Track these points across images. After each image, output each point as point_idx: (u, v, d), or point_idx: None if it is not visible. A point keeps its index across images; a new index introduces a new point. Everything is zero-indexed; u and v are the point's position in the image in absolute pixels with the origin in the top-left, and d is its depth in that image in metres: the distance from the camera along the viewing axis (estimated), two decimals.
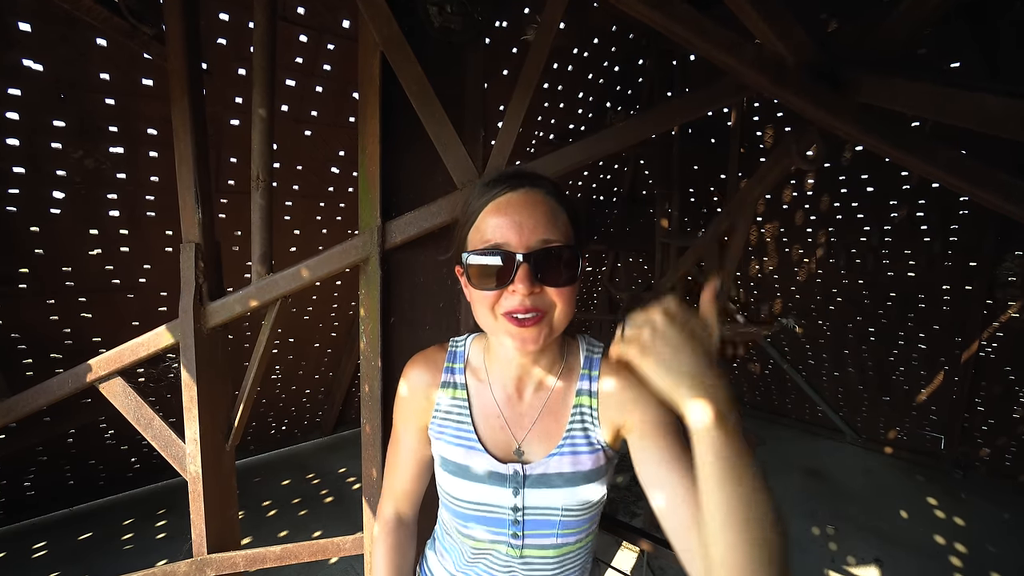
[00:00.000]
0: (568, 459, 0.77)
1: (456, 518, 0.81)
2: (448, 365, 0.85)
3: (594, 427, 0.78)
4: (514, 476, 0.77)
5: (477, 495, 0.78)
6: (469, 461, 0.79)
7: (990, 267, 3.51)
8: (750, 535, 0.56)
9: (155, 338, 1.48)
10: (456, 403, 0.82)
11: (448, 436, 0.81)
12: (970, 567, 3.09)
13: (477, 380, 0.84)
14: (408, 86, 1.26)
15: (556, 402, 0.81)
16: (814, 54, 1.18)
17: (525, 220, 0.70)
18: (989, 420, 3.89)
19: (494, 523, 0.78)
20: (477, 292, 0.72)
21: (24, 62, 2.14)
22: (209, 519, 1.49)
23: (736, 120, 3.05)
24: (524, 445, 0.80)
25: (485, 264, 0.70)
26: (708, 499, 0.57)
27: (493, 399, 0.82)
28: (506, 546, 0.79)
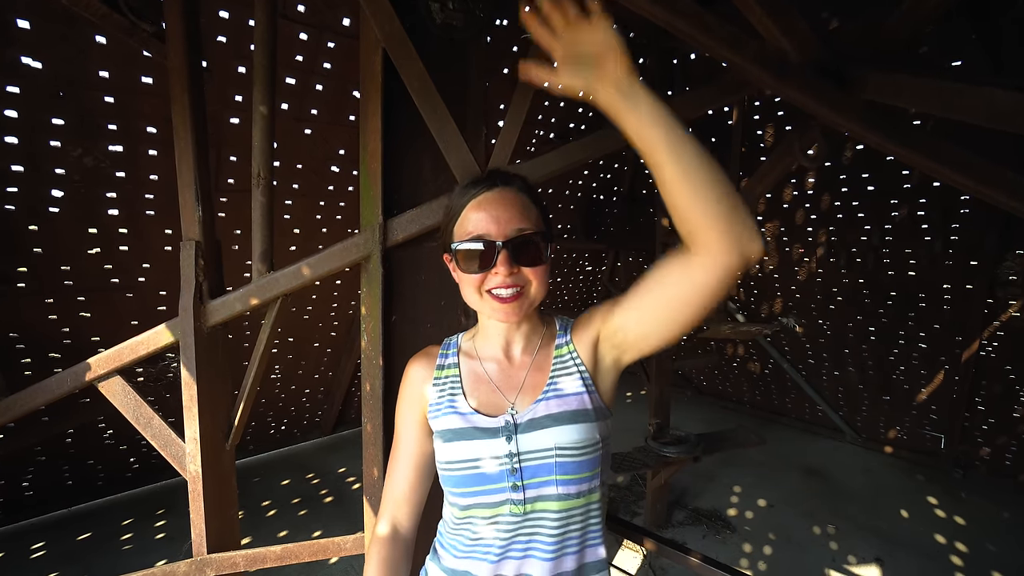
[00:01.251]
0: (554, 402, 0.84)
1: (457, 487, 0.83)
2: (443, 353, 0.95)
3: (576, 368, 0.87)
4: (505, 426, 0.83)
5: (473, 451, 0.82)
6: (463, 423, 0.85)
7: (991, 266, 3.51)
8: (708, 170, 0.63)
9: (155, 336, 1.47)
10: (449, 379, 0.91)
11: (444, 410, 0.87)
12: (971, 566, 3.09)
13: (468, 358, 0.93)
14: (410, 83, 1.25)
15: (541, 361, 0.90)
16: (818, 51, 1.17)
17: (501, 214, 0.82)
18: (989, 419, 3.89)
19: (493, 479, 0.81)
20: (465, 275, 0.84)
21: (23, 60, 2.13)
22: (209, 519, 1.49)
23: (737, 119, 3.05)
24: (516, 402, 0.86)
25: (471, 251, 0.82)
26: (658, 152, 0.64)
27: (483, 370, 0.91)
28: (509, 504, 0.80)
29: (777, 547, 3.29)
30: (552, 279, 5.78)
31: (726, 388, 5.72)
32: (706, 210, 0.64)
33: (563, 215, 5.40)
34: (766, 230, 4.46)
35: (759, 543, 3.33)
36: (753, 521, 3.57)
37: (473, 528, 0.84)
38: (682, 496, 3.88)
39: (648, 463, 3.14)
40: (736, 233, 0.64)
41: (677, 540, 1.42)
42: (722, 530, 3.47)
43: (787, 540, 3.35)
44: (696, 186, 0.63)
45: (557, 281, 5.89)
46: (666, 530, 3.49)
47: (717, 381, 5.74)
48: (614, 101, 0.65)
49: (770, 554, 3.22)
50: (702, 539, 3.39)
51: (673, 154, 0.64)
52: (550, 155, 1.38)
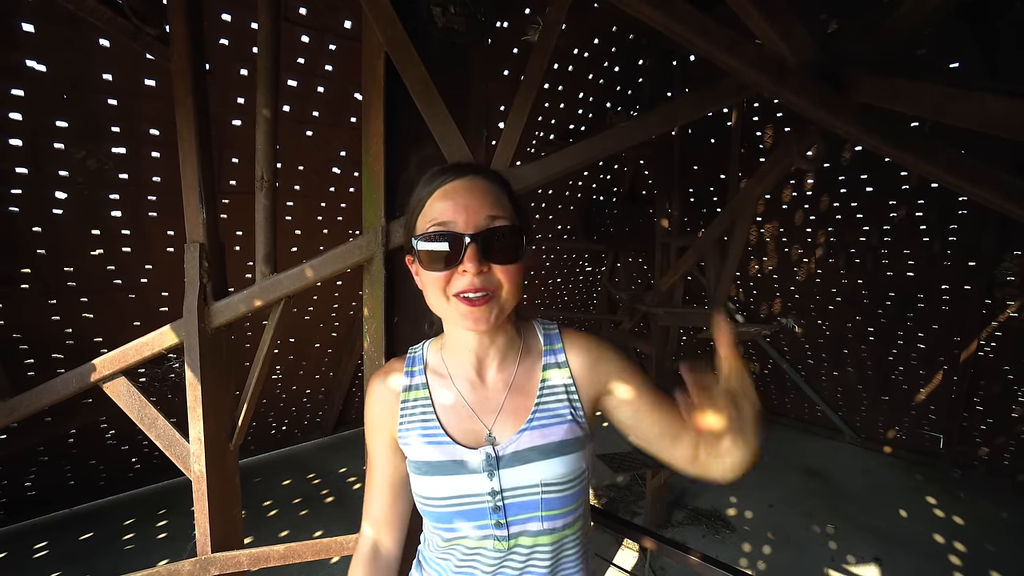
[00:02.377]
0: (539, 432, 0.76)
1: (437, 522, 0.77)
2: (407, 370, 0.84)
3: (571, 398, 0.80)
4: (487, 460, 0.75)
5: (452, 488, 0.75)
6: (439, 455, 0.76)
7: (989, 267, 3.52)
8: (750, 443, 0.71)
9: (159, 338, 1.49)
10: (419, 403, 0.81)
11: (415, 437, 0.78)
12: (969, 566, 3.10)
13: (437, 376, 0.82)
14: (412, 86, 1.27)
15: (522, 380, 0.80)
16: (815, 54, 1.18)
17: (471, 202, 0.72)
18: (988, 419, 3.91)
19: (476, 515, 0.75)
20: (428, 275, 0.73)
21: (27, 63, 2.15)
22: (213, 518, 1.50)
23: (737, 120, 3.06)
24: (495, 429, 0.78)
25: (434, 246, 0.72)
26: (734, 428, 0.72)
27: (456, 390, 0.80)
28: (492, 540, 0.75)
29: (776, 547, 3.30)
30: (552, 279, 5.79)
31: None
32: (736, 463, 0.72)
33: (562, 215, 5.41)
34: (765, 231, 4.47)
35: (758, 543, 3.34)
36: (752, 521, 3.59)
37: (458, 557, 0.79)
38: (681, 496, 3.89)
39: (648, 463, 3.15)
40: (735, 477, 0.74)
41: (676, 540, 1.44)
42: (721, 530, 3.48)
43: (786, 540, 3.36)
44: (740, 446, 0.71)
45: (557, 281, 5.89)
46: (666, 530, 3.50)
47: None
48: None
49: (769, 554, 3.24)
50: (701, 539, 3.40)
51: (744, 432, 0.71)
52: (552, 157, 1.39)
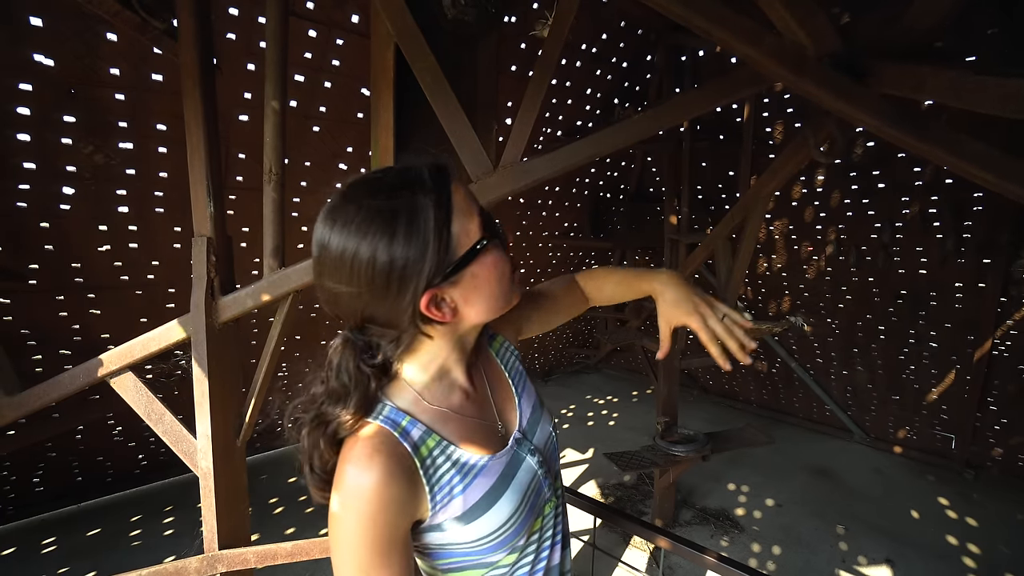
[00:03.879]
0: (525, 395, 0.82)
1: (513, 539, 0.69)
2: (399, 432, 0.65)
3: (512, 354, 0.87)
4: (521, 444, 0.75)
5: (520, 492, 0.71)
6: (491, 479, 0.68)
7: (1004, 264, 3.47)
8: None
9: (167, 333, 1.48)
10: (437, 452, 0.67)
11: (458, 485, 0.66)
12: (984, 568, 3.06)
13: (428, 414, 0.69)
14: (422, 78, 1.25)
15: (489, 365, 0.83)
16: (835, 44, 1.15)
17: (474, 196, 0.70)
18: (1002, 419, 3.85)
19: (538, 495, 0.75)
20: (503, 262, 0.69)
21: (35, 57, 2.14)
22: (220, 515, 1.49)
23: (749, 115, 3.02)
24: (502, 419, 0.77)
25: (502, 232, 0.71)
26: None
27: (457, 414, 0.72)
28: (548, 504, 0.77)
29: (786, 547, 3.27)
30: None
31: (733, 387, 5.69)
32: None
33: (569, 213, 5.39)
34: (775, 228, 4.43)
35: (768, 543, 3.31)
36: (761, 521, 3.55)
37: (530, 554, 0.74)
38: (689, 495, 3.86)
39: (657, 462, 3.13)
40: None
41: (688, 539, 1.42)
42: (730, 530, 3.45)
43: (796, 540, 3.33)
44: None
45: None
46: (673, 530, 3.47)
47: (723, 380, 5.71)
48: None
49: (779, 554, 3.20)
50: (710, 539, 3.37)
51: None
52: (561, 151, 1.37)
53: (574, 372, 6.78)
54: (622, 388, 6.24)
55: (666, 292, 0.86)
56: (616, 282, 1.00)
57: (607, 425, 5.21)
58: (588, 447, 4.64)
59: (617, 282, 0.99)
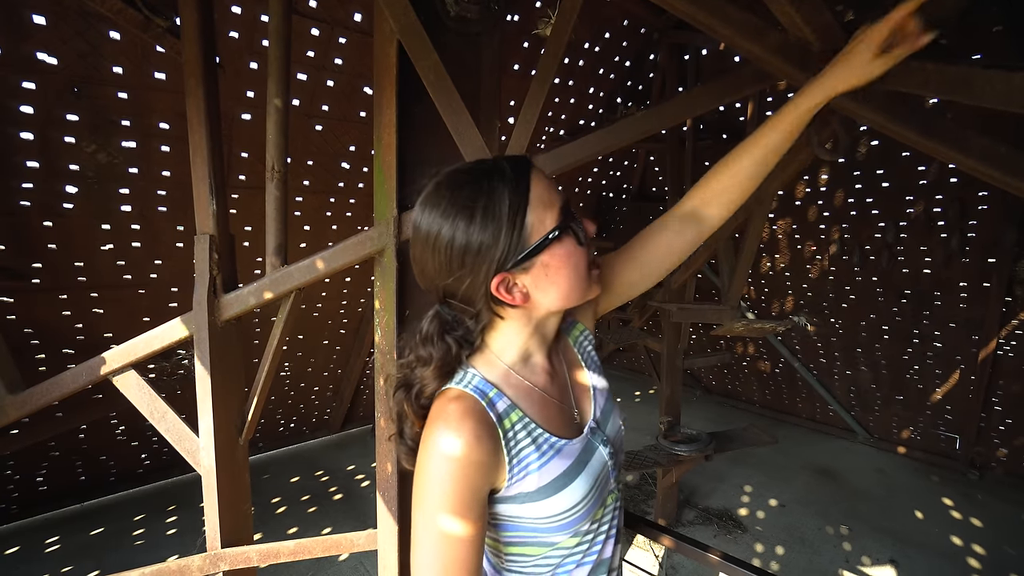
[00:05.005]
0: (600, 381, 0.83)
1: (578, 523, 0.71)
2: (486, 401, 0.69)
3: (588, 341, 0.87)
4: (595, 434, 0.77)
5: (590, 480, 0.72)
6: (566, 462, 0.71)
7: (1009, 263, 3.45)
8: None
9: (169, 331, 1.48)
10: (519, 426, 0.70)
11: (534, 462, 0.69)
12: (988, 569, 3.04)
13: (516, 389, 0.73)
14: (425, 76, 1.24)
15: (568, 351, 0.85)
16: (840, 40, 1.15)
17: (557, 189, 0.72)
18: (1007, 420, 3.83)
19: (605, 486, 0.76)
20: (579, 252, 0.71)
21: (38, 55, 2.15)
22: (223, 513, 1.49)
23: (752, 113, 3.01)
24: (578, 406, 0.79)
25: (578, 221, 0.71)
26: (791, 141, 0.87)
27: (539, 392, 0.75)
28: (611, 496, 0.78)
29: (789, 547, 3.26)
30: None
31: (735, 387, 5.68)
32: (746, 197, 0.91)
33: None
34: (778, 227, 4.42)
35: (771, 543, 3.30)
36: (764, 521, 3.54)
37: (587, 544, 0.75)
38: (692, 495, 3.85)
39: (659, 461, 3.12)
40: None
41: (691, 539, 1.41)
42: (733, 530, 3.44)
43: (800, 540, 3.32)
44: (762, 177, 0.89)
45: None
46: (676, 529, 3.46)
47: (726, 380, 5.70)
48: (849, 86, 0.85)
49: (782, 554, 3.19)
50: (713, 539, 3.36)
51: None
52: (564, 148, 1.37)
53: None
54: (625, 388, 6.23)
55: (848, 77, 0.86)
56: (743, 158, 0.89)
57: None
58: None
59: (744, 155, 0.89)
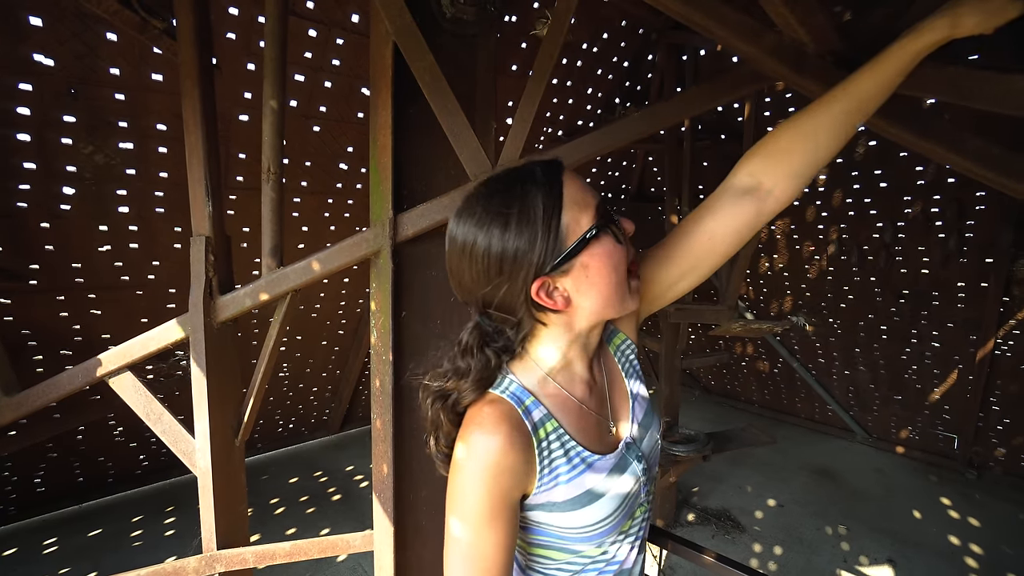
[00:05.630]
0: (640, 398, 0.80)
1: (604, 536, 0.71)
2: (522, 409, 0.68)
3: (631, 351, 0.83)
4: (630, 450, 0.75)
5: (619, 496, 0.71)
6: (598, 477, 0.70)
7: (1006, 263, 3.45)
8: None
9: (165, 332, 1.47)
10: (553, 437, 0.69)
11: (564, 474, 0.68)
12: (986, 568, 3.05)
13: (553, 399, 0.72)
14: (421, 77, 1.24)
15: (608, 362, 0.82)
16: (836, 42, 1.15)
17: (592, 189, 0.70)
18: (1004, 419, 3.83)
19: (635, 501, 0.74)
20: (618, 255, 0.68)
21: (35, 56, 2.14)
22: (219, 515, 1.48)
23: (750, 114, 3.01)
24: (614, 419, 0.77)
25: (612, 219, 0.68)
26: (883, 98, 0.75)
27: (576, 403, 0.73)
28: (639, 509, 0.76)
29: (788, 547, 3.26)
30: None
31: (734, 387, 5.68)
32: (825, 161, 0.75)
33: None
34: (776, 227, 4.42)
35: (769, 543, 3.30)
36: (763, 521, 3.54)
37: (610, 553, 0.75)
38: (690, 496, 3.85)
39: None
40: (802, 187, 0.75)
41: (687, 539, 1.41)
42: (731, 530, 3.44)
43: (798, 540, 3.32)
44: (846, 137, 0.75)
45: None
46: (674, 530, 3.46)
47: (725, 380, 5.70)
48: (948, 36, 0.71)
49: (780, 554, 3.19)
50: (711, 539, 3.36)
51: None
52: (562, 148, 1.37)
53: None
54: None
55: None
56: (826, 109, 0.74)
57: None
58: None
59: (831, 105, 0.74)
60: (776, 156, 0.74)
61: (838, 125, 0.73)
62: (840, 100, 0.73)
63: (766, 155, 0.74)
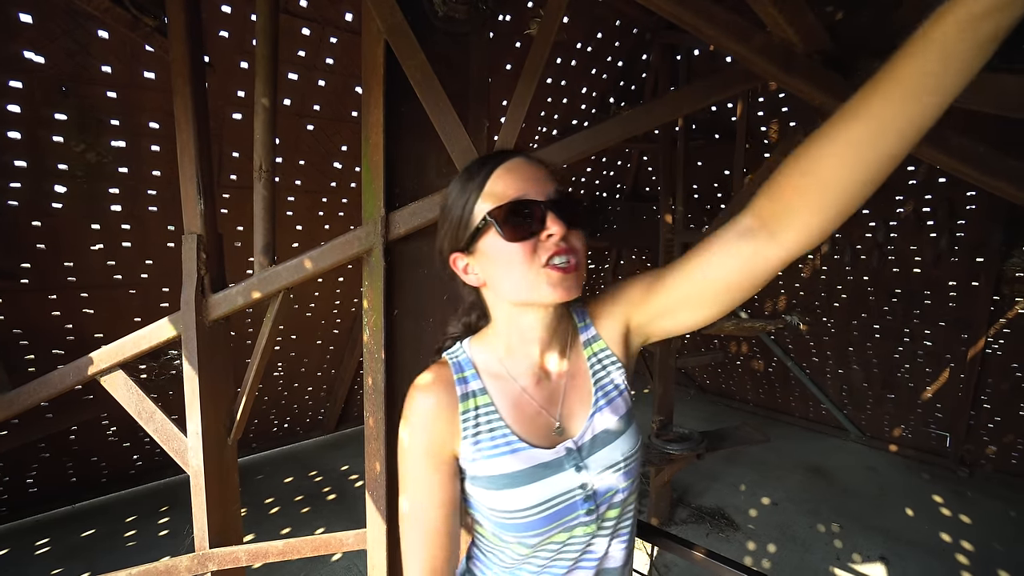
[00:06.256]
0: (608, 410, 0.76)
1: (523, 531, 0.70)
2: (458, 377, 0.74)
3: (616, 366, 0.79)
4: (569, 455, 0.72)
5: (541, 494, 0.70)
6: (519, 464, 0.70)
7: (997, 263, 3.48)
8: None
9: (157, 331, 1.47)
10: (481, 411, 0.73)
11: (486, 450, 0.71)
12: (977, 565, 3.07)
13: (494, 377, 0.76)
14: (412, 75, 1.24)
15: (576, 364, 0.79)
16: (824, 41, 1.16)
17: (536, 175, 0.71)
18: (995, 417, 3.86)
19: (567, 511, 0.71)
20: (511, 248, 0.67)
21: (25, 54, 2.13)
22: (211, 513, 1.48)
23: (742, 113, 3.03)
24: (563, 420, 0.76)
25: (515, 214, 0.67)
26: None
27: (520, 389, 0.75)
28: (580, 527, 0.72)
29: (781, 545, 3.27)
30: None
31: (729, 386, 5.70)
32: (851, 203, 0.56)
33: None
34: None
35: (763, 541, 3.31)
36: (757, 519, 3.56)
37: (542, 558, 0.74)
38: (685, 494, 3.87)
39: (652, 460, 3.13)
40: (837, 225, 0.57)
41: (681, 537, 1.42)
42: (726, 528, 3.45)
43: (791, 539, 3.33)
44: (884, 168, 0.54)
45: None
46: (669, 528, 3.47)
47: (720, 379, 5.73)
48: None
49: (774, 552, 3.21)
50: (705, 537, 3.38)
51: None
52: (554, 146, 1.37)
53: None
54: None
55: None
56: (858, 115, 0.51)
57: None
58: None
59: (874, 101, 0.50)
60: (779, 195, 0.59)
61: (858, 157, 0.53)
62: (852, 123, 0.52)
63: (770, 194, 0.59)
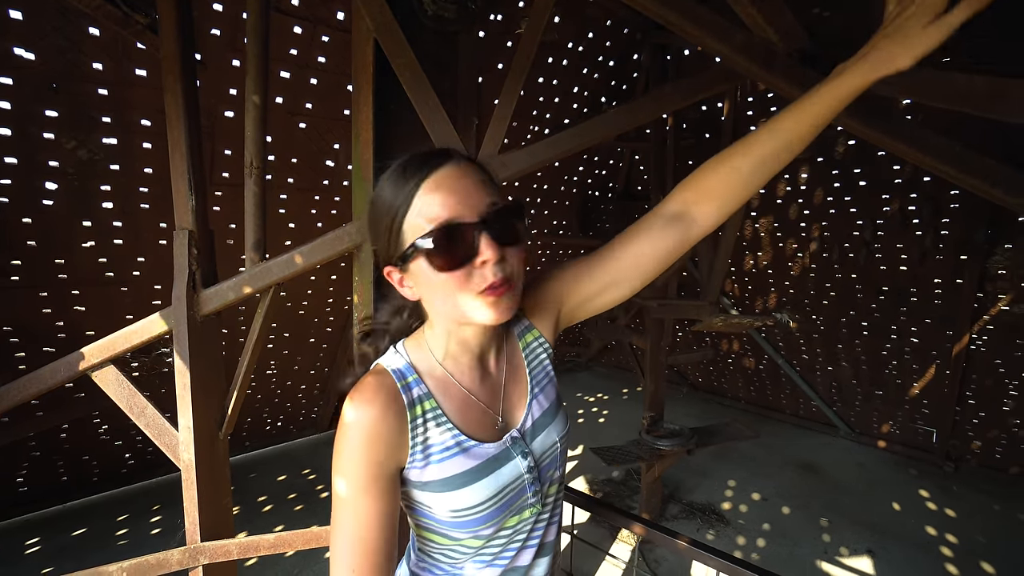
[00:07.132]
0: (542, 396, 0.81)
1: (477, 526, 0.71)
2: (402, 384, 0.71)
3: (544, 352, 0.84)
4: (515, 443, 0.75)
5: (493, 487, 0.72)
6: (471, 462, 0.71)
7: (981, 260, 3.54)
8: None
9: (148, 325, 1.48)
10: (429, 416, 0.72)
11: (437, 453, 0.71)
12: (961, 558, 3.12)
13: (438, 380, 0.75)
14: (401, 74, 1.26)
15: (512, 356, 0.82)
16: (803, 40, 1.19)
17: (468, 188, 0.67)
18: (980, 413, 3.93)
19: (517, 497, 0.74)
20: (441, 278, 0.66)
21: (16, 51, 2.13)
22: (202, 507, 1.50)
23: (728, 112, 3.06)
24: (505, 413, 0.78)
25: (444, 244, 0.64)
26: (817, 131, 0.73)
27: (462, 389, 0.76)
28: (528, 509, 0.76)
29: (770, 540, 3.31)
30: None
31: (721, 384, 5.75)
32: (751, 195, 0.80)
33: (558, 211, 5.41)
34: (760, 225, 4.49)
35: (752, 536, 3.35)
36: (747, 515, 3.60)
37: (495, 546, 0.76)
38: (676, 490, 3.90)
39: (642, 456, 3.16)
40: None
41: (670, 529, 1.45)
42: (716, 523, 3.49)
43: (781, 533, 3.38)
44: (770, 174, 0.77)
45: None
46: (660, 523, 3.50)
47: (712, 377, 5.77)
48: (892, 70, 0.67)
49: (763, 546, 3.25)
50: (696, 532, 3.41)
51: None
52: (541, 144, 1.39)
53: (565, 370, 6.81)
54: (612, 386, 6.28)
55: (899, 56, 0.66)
56: (751, 149, 0.76)
57: (597, 423, 5.25)
58: (577, 444, 4.67)
59: (754, 146, 0.75)
60: (706, 190, 0.80)
61: (766, 164, 0.75)
62: (766, 142, 0.75)
63: (697, 188, 0.80)
